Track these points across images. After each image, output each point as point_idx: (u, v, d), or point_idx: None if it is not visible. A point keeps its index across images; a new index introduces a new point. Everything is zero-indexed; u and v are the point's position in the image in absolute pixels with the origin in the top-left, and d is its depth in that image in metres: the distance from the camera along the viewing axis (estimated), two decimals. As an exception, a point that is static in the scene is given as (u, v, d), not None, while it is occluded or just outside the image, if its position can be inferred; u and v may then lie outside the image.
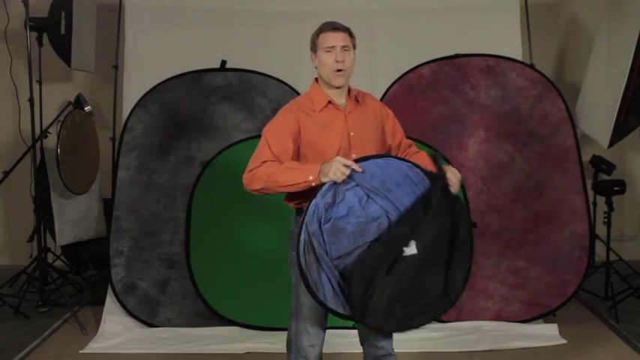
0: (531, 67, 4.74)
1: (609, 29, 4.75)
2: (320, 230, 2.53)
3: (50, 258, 5.26)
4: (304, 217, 2.56)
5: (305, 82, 2.92)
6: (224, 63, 4.70)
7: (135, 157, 4.57)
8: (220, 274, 4.40)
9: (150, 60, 4.75)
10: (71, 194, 4.97)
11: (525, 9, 5.03)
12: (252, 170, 2.72)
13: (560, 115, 4.62)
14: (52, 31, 4.93)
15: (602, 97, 4.71)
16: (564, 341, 4.19)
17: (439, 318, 4.11)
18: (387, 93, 4.64)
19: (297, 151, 2.79)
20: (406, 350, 4.09)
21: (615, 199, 5.02)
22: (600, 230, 5.17)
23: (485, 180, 4.58)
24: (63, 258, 5.52)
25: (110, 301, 4.52)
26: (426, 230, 2.59)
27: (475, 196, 4.53)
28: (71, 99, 5.16)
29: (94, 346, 4.21)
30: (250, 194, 2.74)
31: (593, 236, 4.81)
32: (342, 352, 4.00)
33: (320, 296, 2.56)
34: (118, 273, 4.49)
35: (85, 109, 5.14)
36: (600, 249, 5.28)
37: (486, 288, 4.48)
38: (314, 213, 2.54)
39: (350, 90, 2.89)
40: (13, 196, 5.90)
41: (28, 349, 4.16)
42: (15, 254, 5.99)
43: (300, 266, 2.55)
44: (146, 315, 4.46)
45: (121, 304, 4.47)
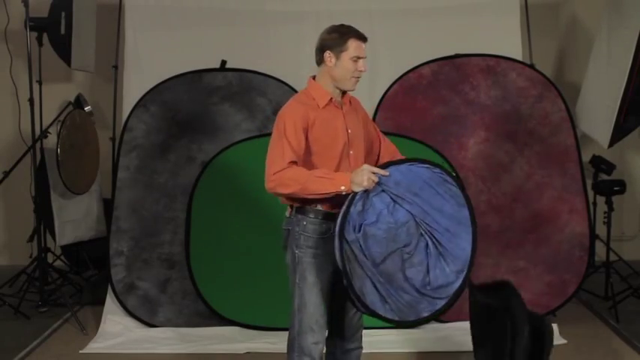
0: (531, 67, 4.74)
1: (609, 29, 4.74)
2: (357, 238, 2.56)
3: (50, 258, 5.26)
4: (338, 228, 2.58)
5: (305, 82, 2.92)
6: (224, 63, 4.70)
7: (135, 157, 4.57)
8: (220, 274, 4.40)
9: (150, 60, 4.75)
10: (71, 194, 4.97)
11: (525, 9, 5.03)
12: (278, 173, 2.68)
13: (560, 115, 4.62)
14: (52, 31, 4.93)
15: (602, 97, 4.71)
16: (564, 341, 4.18)
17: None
18: (387, 93, 4.62)
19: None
20: (406, 350, 4.10)
21: (615, 199, 5.02)
22: (600, 230, 5.16)
23: (485, 180, 4.58)
24: (63, 258, 5.51)
25: (110, 301, 4.53)
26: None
27: (475, 196, 4.52)
28: (71, 99, 5.16)
29: (94, 346, 4.21)
30: (250, 194, 2.74)
31: (593, 236, 4.81)
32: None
33: (367, 303, 2.59)
34: (118, 273, 4.49)
35: (85, 109, 5.14)
36: (600, 249, 5.28)
37: (486, 288, 4.48)
38: (349, 222, 2.57)
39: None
40: (13, 196, 5.90)
41: (28, 349, 4.16)
42: (15, 254, 5.98)
43: (347, 276, 2.57)
44: (146, 315, 4.46)
45: (121, 304, 4.47)
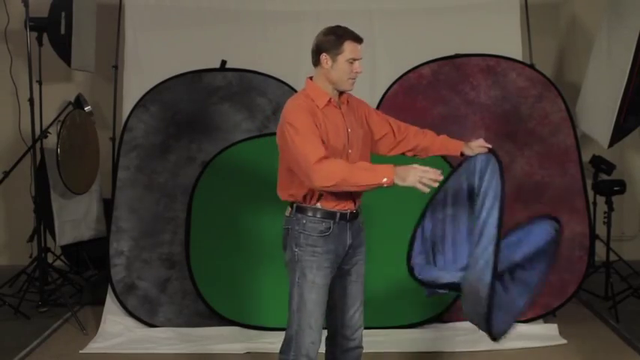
0: (531, 67, 4.74)
1: (609, 29, 4.74)
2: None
3: (50, 258, 5.26)
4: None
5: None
6: (224, 63, 4.70)
7: (135, 157, 4.57)
8: (220, 274, 4.40)
9: (150, 60, 4.74)
10: (71, 194, 4.97)
11: (525, 9, 5.03)
12: (318, 167, 2.64)
13: (560, 115, 4.61)
14: (52, 31, 4.93)
15: (602, 97, 4.71)
16: (564, 341, 4.19)
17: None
18: (387, 93, 4.61)
19: None
20: (406, 350, 4.09)
21: (615, 199, 5.02)
22: (600, 230, 5.16)
23: (485, 180, 4.58)
24: (63, 258, 5.51)
25: (110, 301, 4.53)
26: None
27: (475, 196, 4.53)
28: (71, 99, 5.15)
29: (94, 346, 4.21)
30: (249, 194, 2.75)
31: (593, 236, 4.81)
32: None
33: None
34: (118, 273, 4.48)
35: (85, 109, 5.13)
36: (600, 249, 5.28)
37: (486, 288, 4.48)
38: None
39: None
40: (13, 196, 5.90)
41: (28, 349, 4.16)
42: (15, 254, 5.98)
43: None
44: (146, 315, 4.46)
45: (121, 304, 4.47)
